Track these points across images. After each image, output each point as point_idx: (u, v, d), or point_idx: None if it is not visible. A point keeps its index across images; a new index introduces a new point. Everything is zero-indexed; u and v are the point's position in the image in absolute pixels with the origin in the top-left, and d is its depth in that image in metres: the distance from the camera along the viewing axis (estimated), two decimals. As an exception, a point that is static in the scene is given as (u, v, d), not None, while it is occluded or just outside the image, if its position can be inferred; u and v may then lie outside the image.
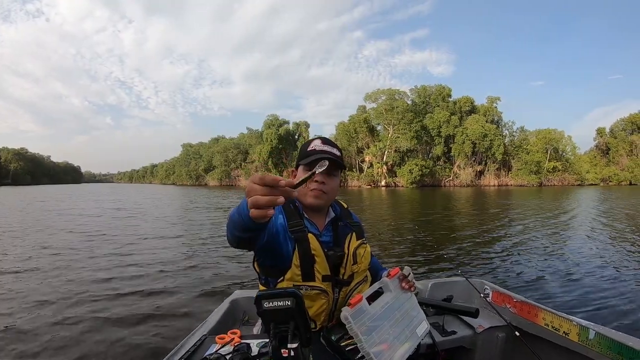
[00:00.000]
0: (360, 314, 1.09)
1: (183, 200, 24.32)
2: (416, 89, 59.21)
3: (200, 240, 7.79)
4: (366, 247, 1.35)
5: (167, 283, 4.50)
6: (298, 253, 1.19)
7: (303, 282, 1.18)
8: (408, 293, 1.26)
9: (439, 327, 1.77)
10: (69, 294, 4.06)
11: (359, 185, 54.05)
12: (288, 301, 0.78)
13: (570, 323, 1.50)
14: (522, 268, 5.21)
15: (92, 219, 12.20)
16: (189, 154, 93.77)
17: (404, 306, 1.23)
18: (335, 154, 1.28)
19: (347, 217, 1.39)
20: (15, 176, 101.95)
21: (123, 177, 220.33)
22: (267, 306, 0.79)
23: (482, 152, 53.30)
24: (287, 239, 1.19)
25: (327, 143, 1.31)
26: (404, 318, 1.21)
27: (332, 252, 1.25)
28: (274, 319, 0.80)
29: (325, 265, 1.22)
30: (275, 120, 65.40)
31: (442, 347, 1.65)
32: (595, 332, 1.39)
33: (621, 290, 4.15)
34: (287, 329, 0.79)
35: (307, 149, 1.30)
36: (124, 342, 2.87)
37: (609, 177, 56.30)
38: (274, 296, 0.79)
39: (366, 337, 1.06)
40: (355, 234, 1.33)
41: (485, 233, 8.49)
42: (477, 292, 1.96)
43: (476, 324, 1.77)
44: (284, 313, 0.79)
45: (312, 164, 1.22)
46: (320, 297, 1.21)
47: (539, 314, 1.65)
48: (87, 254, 6.35)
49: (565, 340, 1.51)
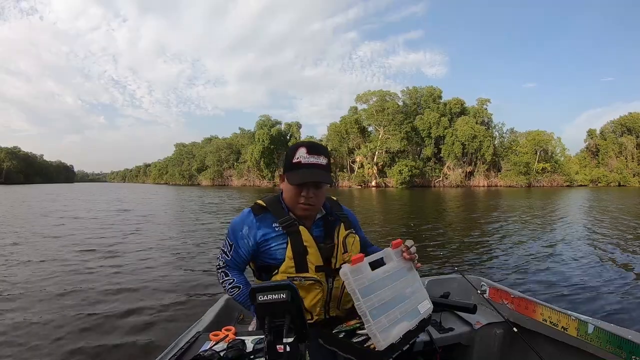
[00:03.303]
0: (360, 273, 1.06)
1: (176, 198, 24.30)
2: (407, 90, 59.42)
3: (194, 239, 7.69)
4: (355, 237, 1.36)
5: (161, 281, 4.45)
6: (291, 246, 1.22)
7: (297, 274, 1.21)
8: (411, 267, 1.25)
9: (436, 324, 1.74)
10: (60, 291, 4.04)
11: (350, 185, 54.15)
12: (283, 294, 0.76)
13: (568, 318, 1.47)
14: (515, 265, 5.26)
15: (87, 216, 12.16)
16: (182, 154, 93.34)
17: (406, 279, 1.21)
18: (322, 165, 1.24)
19: (337, 209, 1.40)
20: (8, 175, 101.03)
21: (116, 176, 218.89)
22: (261, 299, 0.77)
23: (471, 153, 53.54)
24: (276, 242, 1.24)
25: (313, 152, 1.23)
26: (406, 291, 1.18)
27: (323, 244, 1.28)
28: (268, 312, 0.78)
29: (318, 255, 1.24)
30: (267, 121, 65.33)
31: (440, 344, 1.64)
32: (594, 327, 1.36)
33: (616, 285, 4.19)
34: (283, 323, 0.76)
35: (292, 159, 1.24)
36: (118, 341, 2.85)
37: (598, 179, 56.80)
38: (268, 289, 0.77)
39: (365, 299, 1.03)
40: (343, 224, 1.35)
41: (478, 232, 8.57)
42: (474, 289, 1.93)
43: (474, 321, 1.75)
44: (279, 306, 0.77)
45: (299, 182, 1.22)
46: (315, 288, 1.23)
47: (536, 309, 1.63)
48: (80, 250, 6.32)
49: (564, 335, 1.48)
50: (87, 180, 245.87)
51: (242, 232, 1.27)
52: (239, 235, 1.28)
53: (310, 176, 1.21)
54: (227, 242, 1.31)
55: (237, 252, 1.29)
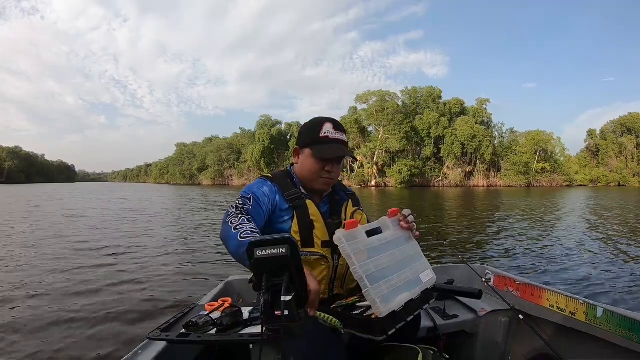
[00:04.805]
0: (355, 239, 1.01)
1: (178, 198, 24.40)
2: (407, 90, 59.57)
3: (196, 229, 7.80)
4: (363, 214, 1.34)
5: (161, 271, 4.49)
6: (297, 219, 1.18)
7: (302, 249, 1.16)
8: (409, 236, 1.22)
9: (440, 310, 1.72)
10: (61, 282, 4.10)
11: (350, 185, 54.26)
12: (282, 248, 0.72)
13: (577, 302, 1.43)
14: (519, 257, 5.38)
15: (91, 212, 12.17)
16: (183, 154, 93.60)
17: (404, 248, 1.16)
18: (345, 141, 1.27)
19: (342, 188, 1.41)
20: (10, 175, 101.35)
21: (117, 176, 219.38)
22: (259, 254, 0.72)
23: (471, 153, 53.69)
24: (285, 215, 1.20)
25: (338, 129, 1.25)
26: (405, 259, 1.13)
27: (330, 220, 1.25)
28: (266, 269, 0.73)
29: (324, 230, 1.20)
30: (267, 121, 65.62)
31: (444, 331, 1.61)
32: (603, 310, 1.32)
33: (620, 274, 4.32)
34: (281, 282, 0.72)
35: (319, 133, 1.23)
36: (114, 328, 2.87)
37: (598, 179, 56.84)
38: (267, 243, 0.73)
39: (361, 263, 0.97)
40: (351, 201, 1.36)
41: (479, 228, 8.71)
42: (478, 277, 1.89)
43: (478, 308, 1.71)
44: (278, 262, 0.72)
45: (329, 157, 1.22)
46: (320, 264, 1.19)
47: (543, 295, 1.58)
48: (83, 241, 6.44)
49: (572, 320, 1.43)
50: (89, 180, 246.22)
51: (263, 190, 1.19)
52: (259, 192, 1.17)
53: (340, 151, 1.23)
54: (245, 197, 1.15)
55: (258, 204, 1.14)
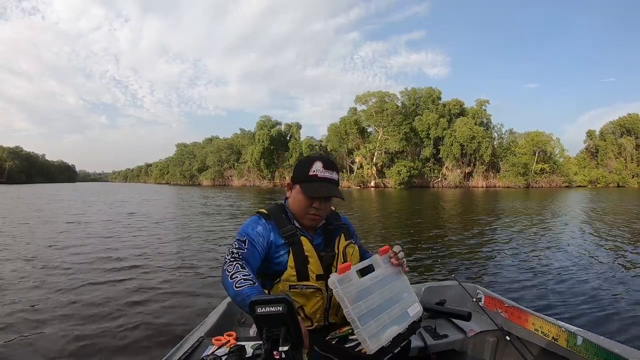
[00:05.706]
0: (348, 281, 1.10)
1: (179, 201, 24.46)
2: (406, 91, 59.74)
3: (198, 242, 7.48)
4: (355, 247, 1.42)
5: (164, 285, 4.45)
6: (293, 255, 1.27)
7: (298, 282, 1.26)
8: (399, 272, 1.30)
9: (431, 330, 1.79)
10: (62, 291, 4.06)
11: (349, 186, 54.42)
12: (279, 307, 0.83)
13: (559, 329, 1.52)
14: (512, 270, 5.20)
15: (90, 215, 12.21)
16: (183, 154, 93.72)
17: (394, 284, 1.25)
18: (335, 180, 1.34)
19: (336, 219, 1.47)
20: (10, 175, 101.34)
21: (117, 176, 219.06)
22: (260, 311, 0.83)
23: (470, 154, 53.80)
24: (281, 250, 1.28)
25: (328, 168, 1.32)
26: (394, 295, 1.22)
27: (324, 252, 1.33)
28: (266, 323, 0.84)
29: (319, 264, 1.29)
30: (267, 122, 65.71)
31: (434, 350, 1.68)
32: (582, 339, 1.41)
33: (610, 295, 4.07)
34: (279, 333, 0.84)
35: (308, 171, 1.31)
36: (123, 343, 2.85)
37: (597, 180, 56.93)
38: (266, 302, 0.84)
39: (353, 306, 1.07)
40: (343, 234, 1.42)
41: (476, 234, 8.58)
42: (469, 296, 1.96)
43: (468, 328, 1.80)
44: (276, 318, 0.83)
45: (316, 195, 1.30)
46: (315, 296, 1.28)
47: (529, 319, 1.67)
48: (85, 251, 6.31)
49: (554, 345, 1.52)
50: (89, 180, 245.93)
51: (257, 230, 1.28)
52: (253, 233, 1.27)
53: (326, 191, 1.30)
54: (240, 239, 1.25)
55: (253, 246, 1.24)
